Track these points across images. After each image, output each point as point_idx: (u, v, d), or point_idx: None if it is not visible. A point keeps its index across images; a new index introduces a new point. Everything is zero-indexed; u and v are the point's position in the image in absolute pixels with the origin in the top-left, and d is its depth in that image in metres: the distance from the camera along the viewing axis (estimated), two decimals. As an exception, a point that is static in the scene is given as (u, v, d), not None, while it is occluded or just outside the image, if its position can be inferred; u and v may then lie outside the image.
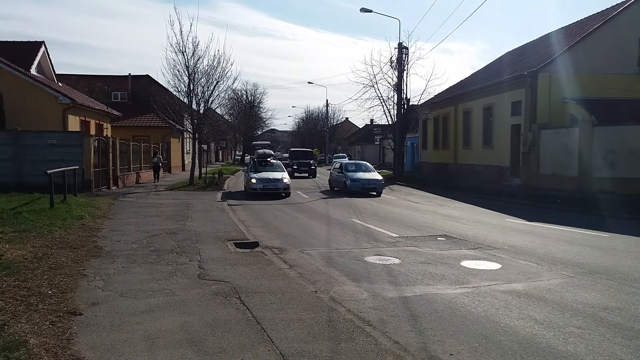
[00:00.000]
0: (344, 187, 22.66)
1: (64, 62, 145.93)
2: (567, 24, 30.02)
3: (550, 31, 31.24)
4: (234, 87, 40.72)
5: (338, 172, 24.09)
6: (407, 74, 31.74)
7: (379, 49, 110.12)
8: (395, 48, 31.25)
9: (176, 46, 23.53)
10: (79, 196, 16.20)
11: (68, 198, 14.91)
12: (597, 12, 27.30)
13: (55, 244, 9.09)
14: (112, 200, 16.82)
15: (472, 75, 37.89)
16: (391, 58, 31.86)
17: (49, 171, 13.75)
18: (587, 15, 28.53)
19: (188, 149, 39.10)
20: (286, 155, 52.71)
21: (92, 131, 24.86)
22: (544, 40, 30.23)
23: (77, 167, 17.12)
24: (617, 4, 25.41)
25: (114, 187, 21.65)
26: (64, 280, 6.94)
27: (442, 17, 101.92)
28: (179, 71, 24.00)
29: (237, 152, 77.24)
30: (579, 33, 25.04)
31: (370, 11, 31.05)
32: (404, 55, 31.32)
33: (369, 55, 52.25)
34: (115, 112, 29.58)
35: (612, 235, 12.22)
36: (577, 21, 28.93)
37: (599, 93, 21.90)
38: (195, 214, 14.49)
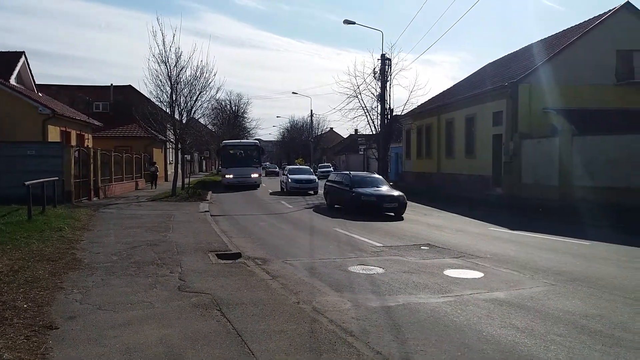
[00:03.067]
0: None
1: (48, 73, 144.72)
2: (547, 36, 30.61)
3: (531, 43, 31.80)
4: (217, 97, 40.78)
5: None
6: (390, 84, 31.86)
7: (363, 60, 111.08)
8: (378, 59, 31.36)
9: (159, 56, 23.42)
10: (59, 208, 15.91)
11: (47, 210, 14.64)
12: (576, 25, 27.86)
13: (32, 257, 8.89)
14: (92, 212, 16.57)
15: (454, 85, 38.31)
16: (374, 69, 31.97)
17: (27, 182, 13.50)
18: (566, 28, 29.12)
19: (171, 159, 38.79)
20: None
21: (73, 142, 24.55)
22: (525, 51, 30.72)
23: (57, 178, 16.84)
24: (594, 17, 25.98)
25: (95, 198, 21.34)
26: (41, 293, 6.78)
27: (425, 29, 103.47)
28: (161, 81, 23.84)
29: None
30: (558, 45, 25.51)
31: (354, 23, 31.18)
32: (387, 67, 31.43)
33: (353, 66, 53.04)
34: (96, 123, 29.26)
35: (592, 243, 12.35)
36: (557, 33, 29.48)
37: (578, 103, 22.28)
38: (177, 225, 14.32)
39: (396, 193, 18.10)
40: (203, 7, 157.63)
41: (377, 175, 21.17)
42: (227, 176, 32.96)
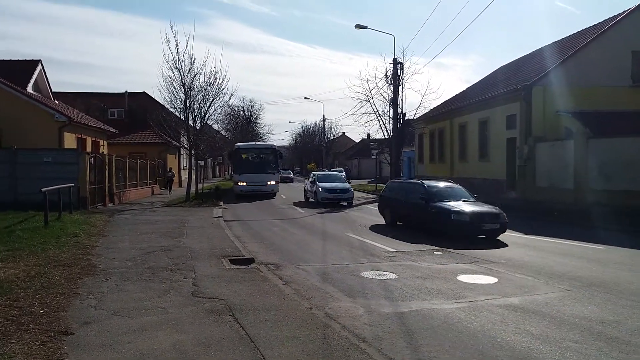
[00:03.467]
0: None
1: (62, 80, 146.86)
2: (561, 38, 30.30)
3: (544, 45, 31.52)
4: (230, 103, 40.93)
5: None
6: (402, 88, 31.87)
7: (374, 64, 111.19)
8: (390, 63, 31.43)
9: (172, 63, 23.67)
10: (74, 214, 16.11)
11: (63, 216, 14.83)
12: (590, 26, 27.56)
13: (48, 263, 9.01)
14: (107, 218, 16.74)
15: (467, 89, 38.09)
16: (386, 73, 32.03)
17: (43, 189, 13.69)
18: (579, 30, 28.84)
19: (185, 165, 39.08)
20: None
21: (88, 148, 24.84)
22: (538, 54, 30.46)
23: (73, 184, 17.06)
24: (609, 18, 25.68)
25: (110, 204, 21.56)
26: (57, 299, 6.87)
27: (437, 32, 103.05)
28: (175, 88, 24.10)
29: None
30: (572, 47, 25.25)
31: (365, 27, 31.27)
32: (398, 71, 31.46)
33: (365, 70, 53.22)
34: (111, 129, 29.60)
35: (608, 247, 12.19)
36: (571, 35, 29.19)
37: (593, 106, 22.02)
38: (190, 230, 14.41)
39: (496, 210, 13.73)
40: (215, 14, 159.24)
41: (457, 186, 15.90)
42: (239, 183, 28.79)
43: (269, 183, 29.08)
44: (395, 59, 31.08)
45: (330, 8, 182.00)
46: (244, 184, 28.68)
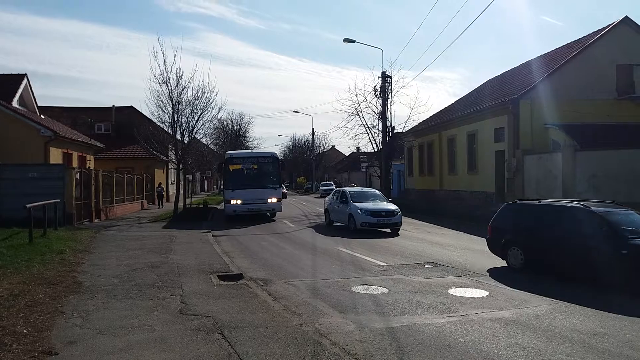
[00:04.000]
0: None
1: (48, 95, 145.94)
2: (546, 52, 30.75)
3: (530, 59, 31.95)
4: (219, 117, 40.79)
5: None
6: (391, 102, 32.04)
7: (363, 77, 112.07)
8: (378, 77, 31.63)
9: (160, 77, 23.55)
10: (60, 230, 15.87)
11: (48, 232, 14.59)
12: (574, 40, 28.00)
13: (32, 280, 8.83)
14: (93, 234, 16.51)
15: (455, 102, 38.43)
16: (375, 87, 32.20)
17: (28, 205, 13.47)
18: (564, 43, 29.28)
19: (173, 179, 38.86)
20: None
21: (75, 163, 24.60)
22: (525, 67, 30.85)
23: (58, 200, 16.83)
24: (593, 32, 26.12)
25: (96, 220, 21.30)
26: (41, 318, 6.71)
27: (425, 46, 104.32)
28: (162, 102, 23.92)
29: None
30: (557, 60, 25.61)
31: (354, 41, 31.46)
32: (387, 84, 31.66)
33: (353, 84, 53.56)
34: (98, 144, 29.38)
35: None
36: (556, 49, 29.63)
37: (579, 118, 22.27)
38: (178, 246, 14.25)
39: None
40: (204, 27, 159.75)
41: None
42: (232, 202, 22.87)
43: (269, 200, 23.36)
44: (383, 73, 31.30)
45: (319, 22, 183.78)
46: (238, 202, 22.81)
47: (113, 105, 40.76)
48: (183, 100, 24.16)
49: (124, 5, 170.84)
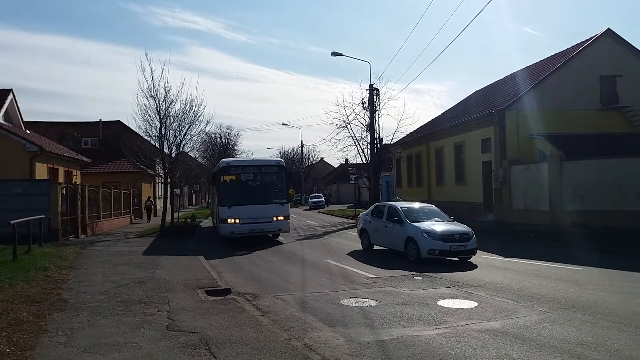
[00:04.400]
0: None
1: (34, 110, 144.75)
2: (531, 63, 31.19)
3: (516, 70, 32.38)
4: (207, 131, 40.56)
5: None
6: (379, 114, 32.24)
7: (351, 90, 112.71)
8: (366, 90, 31.84)
9: (147, 91, 23.46)
10: (45, 246, 15.62)
11: (33, 249, 14.36)
12: (559, 52, 28.48)
13: (16, 298, 8.65)
14: (79, 250, 16.29)
15: (442, 114, 38.76)
16: (363, 99, 32.40)
17: (12, 222, 13.26)
18: (549, 55, 29.73)
19: (160, 193, 38.59)
20: None
21: (61, 179, 24.35)
22: (511, 79, 31.24)
23: (43, 216, 16.58)
24: (578, 44, 26.59)
25: (82, 236, 21.03)
26: (24, 337, 6.56)
27: (411, 59, 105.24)
28: (150, 116, 23.82)
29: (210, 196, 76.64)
30: (543, 72, 25.98)
31: (341, 55, 31.70)
32: (375, 97, 31.88)
33: (342, 96, 53.98)
34: (85, 159, 29.13)
35: (585, 268, 12.29)
36: (541, 60, 30.09)
37: (564, 129, 22.56)
38: (165, 261, 14.08)
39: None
40: (191, 42, 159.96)
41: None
42: (230, 221, 18.72)
43: (275, 219, 19.29)
44: (371, 85, 31.51)
45: (307, 36, 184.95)
46: (236, 221, 18.71)
47: (100, 120, 40.52)
48: (171, 114, 24.10)
49: (111, 20, 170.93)
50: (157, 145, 24.99)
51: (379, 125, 31.65)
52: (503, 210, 23.70)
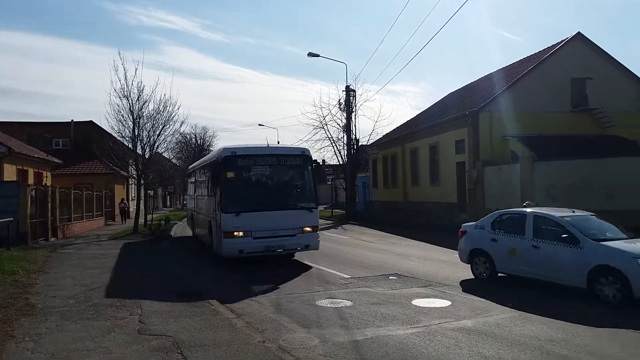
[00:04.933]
0: None
1: (3, 110, 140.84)
2: (505, 65, 31.72)
3: (489, 72, 32.89)
4: (181, 131, 40.03)
5: None
6: (355, 115, 32.46)
7: (328, 91, 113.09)
8: (343, 91, 32.06)
9: (120, 91, 23.21)
10: (13, 250, 15.21)
11: (0, 252, 13.98)
12: (531, 55, 29.02)
13: (-19, 304, 8.41)
14: (49, 253, 15.91)
15: (417, 115, 39.13)
16: (339, 100, 32.61)
17: (-22, 224, 12.89)
18: (522, 57, 30.27)
19: (134, 195, 38.01)
20: None
21: (30, 180, 23.76)
22: (484, 80, 31.72)
23: (11, 219, 16.17)
24: (548, 47, 27.16)
25: (53, 239, 20.56)
26: (-11, 343, 6.37)
27: (387, 61, 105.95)
28: (123, 116, 23.57)
29: (185, 197, 75.88)
30: (515, 74, 26.44)
31: (318, 56, 31.74)
32: (351, 98, 32.09)
33: (318, 97, 53.93)
34: (55, 160, 28.49)
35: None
36: (514, 63, 30.62)
37: (536, 130, 22.98)
38: (138, 263, 13.88)
39: None
40: (166, 41, 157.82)
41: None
42: (237, 234, 13.08)
43: (305, 229, 13.62)
44: (347, 87, 31.70)
45: (283, 36, 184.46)
46: (248, 236, 13.07)
47: (72, 120, 39.71)
48: (144, 114, 23.86)
49: (85, 18, 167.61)
50: (130, 146, 24.63)
51: (355, 126, 31.94)
52: (476, 211, 23.96)
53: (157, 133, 24.54)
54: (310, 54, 31.61)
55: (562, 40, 26.12)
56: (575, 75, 24.73)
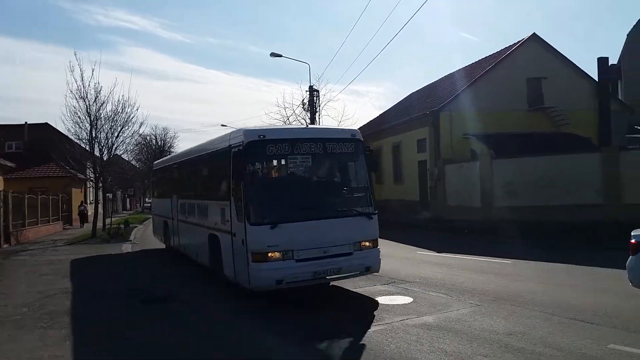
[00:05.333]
0: None
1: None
2: (465, 65, 32.38)
3: (450, 72, 33.51)
4: (141, 132, 39.11)
5: None
6: (319, 115, 32.43)
7: (291, 91, 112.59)
8: (306, 91, 31.98)
9: (77, 92, 22.70)
10: (-37, 258, 14.60)
11: (-51, 260, 13.37)
12: (489, 55, 29.74)
13: None
14: (1, 260, 15.29)
15: (381, 115, 39.50)
16: (303, 100, 32.54)
17: None
18: (482, 57, 30.97)
19: (92, 199, 37.00)
20: None
21: (-19, 185, 22.81)
22: (445, 80, 32.31)
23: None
24: (505, 48, 27.89)
25: (5, 245, 19.76)
26: None
27: (350, 61, 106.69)
28: (80, 118, 23.06)
29: (146, 200, 74.48)
30: (474, 74, 27.06)
31: (280, 56, 31.52)
32: (315, 98, 32.05)
33: (282, 97, 53.73)
34: (8, 164, 27.36)
35: (514, 261, 12.86)
36: (473, 63, 31.31)
37: (495, 129, 23.56)
38: (96, 268, 13.51)
39: None
40: (125, 41, 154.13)
41: None
42: (271, 256, 8.34)
43: (363, 244, 9.28)
44: (311, 87, 31.65)
45: (246, 36, 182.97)
46: (284, 257, 8.52)
47: (25, 122, 38.36)
48: (102, 115, 23.35)
49: (40, 18, 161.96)
50: (87, 148, 24.03)
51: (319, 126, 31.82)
52: (438, 208, 24.45)
53: (116, 135, 24.08)
54: (273, 54, 31.37)
55: (518, 41, 26.88)
56: (531, 75, 25.48)
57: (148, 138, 59.45)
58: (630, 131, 27.81)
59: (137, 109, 26.47)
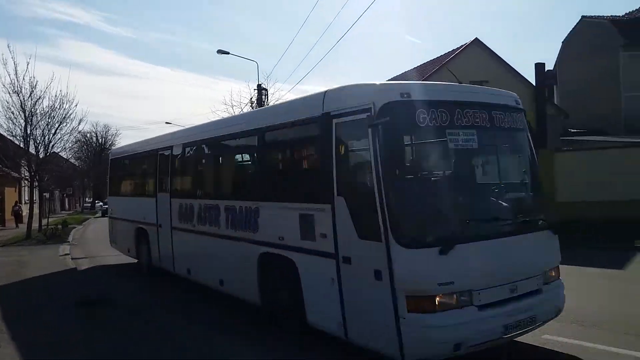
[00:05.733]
0: None
1: None
2: (410, 68, 33.00)
3: (397, 75, 34.03)
4: (80, 129, 37.41)
5: None
6: (267, 114, 32.13)
7: (239, 89, 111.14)
8: (254, 89, 31.64)
9: (10, 86, 21.56)
10: None
11: None
12: (436, 57, 30.46)
13: None
14: None
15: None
16: (251, 99, 32.16)
17: None
18: (427, 60, 31.69)
19: (27, 198, 35.13)
20: None
21: None
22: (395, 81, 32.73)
23: None
24: (449, 52, 28.64)
25: None
26: None
27: (299, 60, 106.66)
28: (13, 113, 21.91)
29: (86, 199, 71.55)
30: (419, 77, 27.56)
31: (228, 53, 31.05)
32: (263, 96, 31.76)
33: (229, 95, 52.78)
34: None
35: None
36: (421, 65, 31.98)
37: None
38: (31, 272, 12.74)
39: None
40: (63, 34, 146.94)
41: None
42: (440, 300, 4.79)
43: (550, 274, 5.79)
44: (259, 85, 31.35)
45: (193, 31, 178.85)
46: (461, 303, 4.87)
47: (-49, 117, 35.83)
48: (38, 111, 22.21)
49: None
50: (21, 145, 22.81)
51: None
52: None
53: (53, 132, 22.93)
54: (220, 51, 30.87)
55: (461, 46, 27.66)
56: (474, 78, 26.09)
57: (88, 135, 57.24)
58: (564, 134, 29.25)
59: (77, 105, 25.40)
